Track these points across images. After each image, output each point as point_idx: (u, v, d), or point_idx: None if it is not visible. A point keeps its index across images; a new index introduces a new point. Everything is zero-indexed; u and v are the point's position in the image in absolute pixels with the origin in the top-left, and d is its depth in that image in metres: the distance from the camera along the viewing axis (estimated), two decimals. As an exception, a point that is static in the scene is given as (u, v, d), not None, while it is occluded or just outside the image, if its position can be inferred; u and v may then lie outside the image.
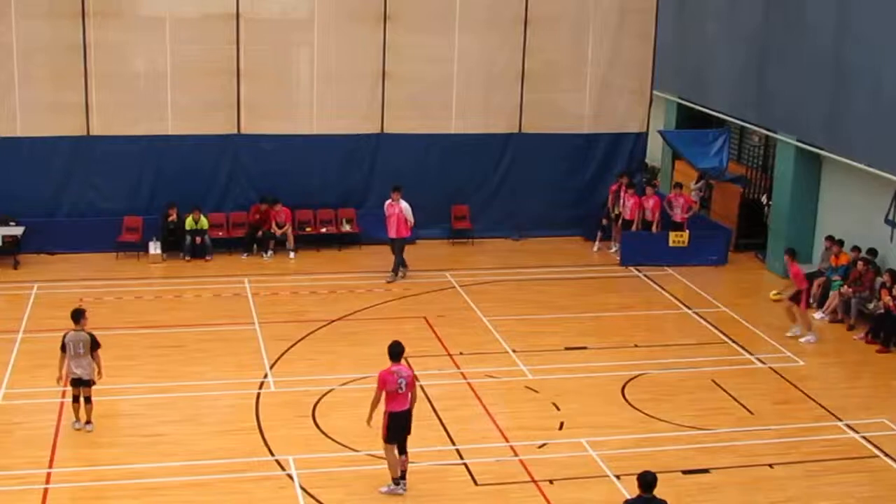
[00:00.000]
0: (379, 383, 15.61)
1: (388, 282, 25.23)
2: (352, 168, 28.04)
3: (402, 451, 15.97)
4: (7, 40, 26.15)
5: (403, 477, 16.01)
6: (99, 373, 17.50)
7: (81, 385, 17.37)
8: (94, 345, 17.37)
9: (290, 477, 16.29)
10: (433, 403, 18.80)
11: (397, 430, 15.77)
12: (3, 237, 25.62)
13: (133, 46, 27.15)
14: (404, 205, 25.29)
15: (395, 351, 15.77)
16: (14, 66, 26.32)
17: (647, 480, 12.80)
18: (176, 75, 27.06)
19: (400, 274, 25.51)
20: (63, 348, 17.20)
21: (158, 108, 27.10)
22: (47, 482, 16.00)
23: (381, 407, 15.70)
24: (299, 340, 21.57)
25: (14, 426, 17.87)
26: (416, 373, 19.22)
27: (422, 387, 19.05)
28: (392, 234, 25.39)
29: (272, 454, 16.94)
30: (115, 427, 17.73)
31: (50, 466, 16.44)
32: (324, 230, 27.84)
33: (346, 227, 27.72)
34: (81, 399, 17.45)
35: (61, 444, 17.09)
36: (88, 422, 17.50)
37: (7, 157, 26.32)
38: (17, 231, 25.88)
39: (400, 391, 15.64)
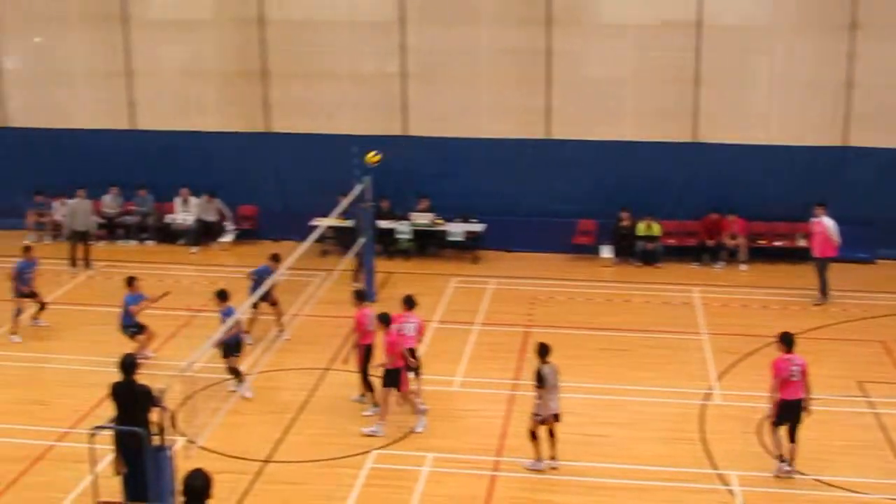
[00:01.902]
0: (773, 371, 15.92)
1: (815, 304, 24.00)
2: (811, 181, 26.86)
3: (792, 439, 16.10)
4: (476, 45, 27.44)
5: (788, 462, 16.17)
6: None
7: (554, 420, 16.69)
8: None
9: (732, 493, 15.94)
10: (888, 433, 17.72)
11: (786, 416, 16.05)
12: (466, 233, 26.91)
13: (593, 53, 27.69)
14: (829, 222, 23.89)
15: (788, 340, 16.13)
16: (482, 69, 27.57)
17: None
18: (634, 82, 27.32)
19: (823, 297, 24.12)
20: (541, 382, 16.25)
21: (616, 113, 27.45)
22: (495, 470, 16.58)
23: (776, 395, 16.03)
24: (748, 355, 21.02)
25: (466, 412, 18.68)
26: (866, 399, 18.38)
27: (876, 415, 18.15)
28: (816, 252, 24.15)
29: (715, 468, 16.65)
30: (561, 424, 18.07)
31: (498, 455, 17.03)
32: (778, 244, 27.04)
33: (802, 242, 26.71)
34: (548, 433, 16.72)
35: (511, 434, 17.64)
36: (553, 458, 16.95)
37: (472, 157, 27.59)
38: (479, 228, 27.07)
39: (793, 378, 15.87)
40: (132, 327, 20.30)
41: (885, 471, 16.56)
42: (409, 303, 18.86)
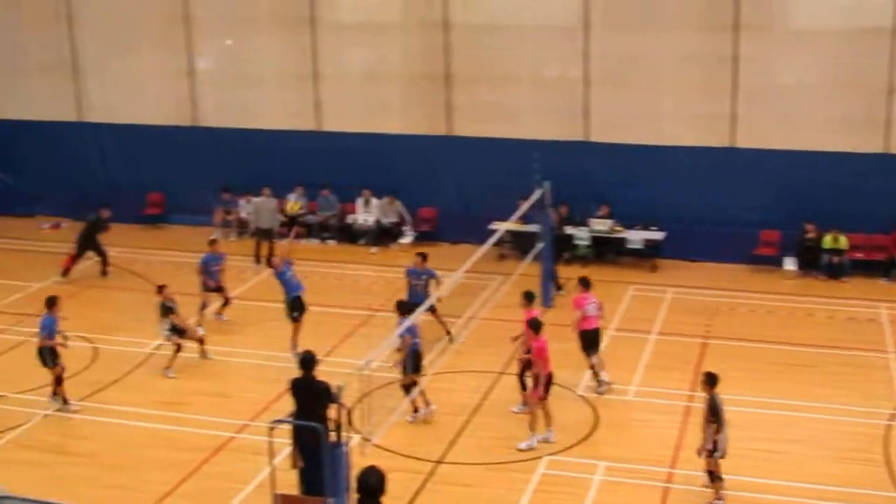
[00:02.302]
0: None
1: None
2: None
3: None
4: (660, 51, 27.11)
5: None
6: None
7: None
8: None
9: (916, 517, 15.41)
10: None
11: None
12: (645, 241, 26.63)
13: (782, 60, 26.99)
14: None
15: None
16: (665, 75, 27.22)
17: None
18: (823, 90, 26.56)
19: None
20: (716, 415, 15.29)
21: (804, 122, 26.69)
22: (668, 482, 16.36)
23: None
24: (936, 374, 20.31)
25: (639, 422, 18.51)
26: None
27: None
28: None
29: (899, 490, 16.13)
30: (735, 438, 17.63)
31: (672, 467, 16.80)
32: (973, 259, 25.96)
33: None
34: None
35: (685, 446, 17.38)
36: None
37: (653, 164, 27.28)
38: (659, 236, 26.76)
39: None
40: (295, 311, 20.78)
41: None
42: (586, 283, 19.15)
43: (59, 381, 19.03)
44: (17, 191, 32.26)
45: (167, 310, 20.67)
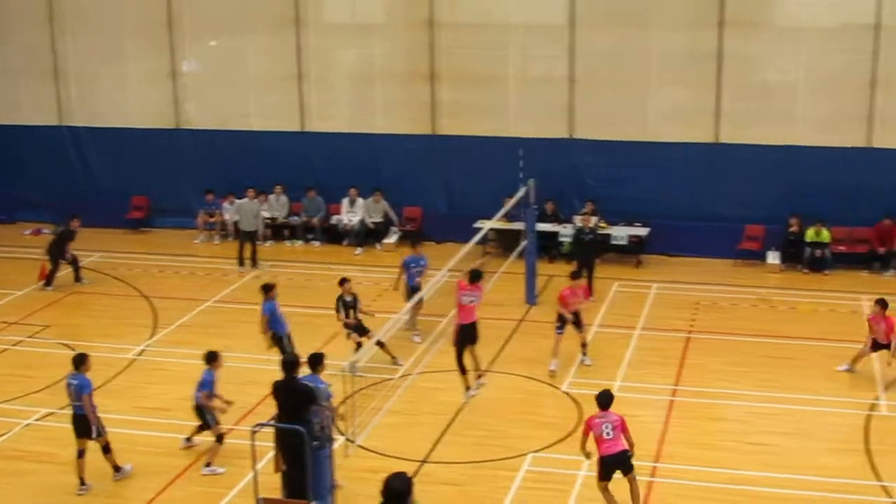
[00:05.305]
0: None
1: None
2: None
3: None
4: (645, 48, 27.20)
5: None
6: None
7: None
8: None
9: (898, 507, 15.45)
10: None
11: None
12: (630, 237, 26.67)
13: (767, 56, 27.12)
14: None
15: None
16: (650, 72, 27.29)
17: None
18: (808, 86, 26.68)
19: None
20: None
21: (788, 117, 26.82)
22: (652, 475, 16.39)
23: None
24: (918, 366, 20.32)
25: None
26: None
27: None
28: None
29: (879, 480, 16.14)
30: (720, 431, 17.89)
31: (656, 461, 16.84)
32: (955, 252, 26.05)
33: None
34: None
35: (668, 440, 17.45)
36: None
37: (638, 161, 27.34)
38: (643, 232, 26.79)
39: None
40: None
41: None
42: (477, 276, 19.39)
43: (220, 438, 17.05)
44: (-1, 197, 32.16)
45: (345, 304, 20.42)
